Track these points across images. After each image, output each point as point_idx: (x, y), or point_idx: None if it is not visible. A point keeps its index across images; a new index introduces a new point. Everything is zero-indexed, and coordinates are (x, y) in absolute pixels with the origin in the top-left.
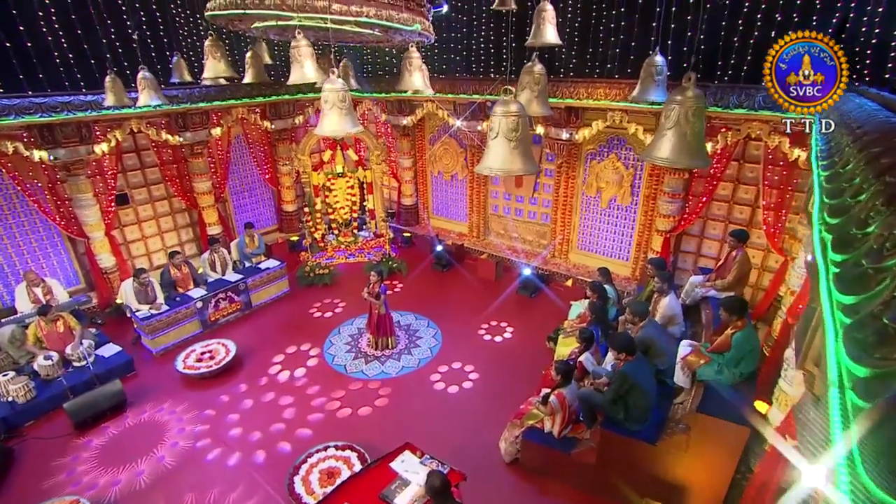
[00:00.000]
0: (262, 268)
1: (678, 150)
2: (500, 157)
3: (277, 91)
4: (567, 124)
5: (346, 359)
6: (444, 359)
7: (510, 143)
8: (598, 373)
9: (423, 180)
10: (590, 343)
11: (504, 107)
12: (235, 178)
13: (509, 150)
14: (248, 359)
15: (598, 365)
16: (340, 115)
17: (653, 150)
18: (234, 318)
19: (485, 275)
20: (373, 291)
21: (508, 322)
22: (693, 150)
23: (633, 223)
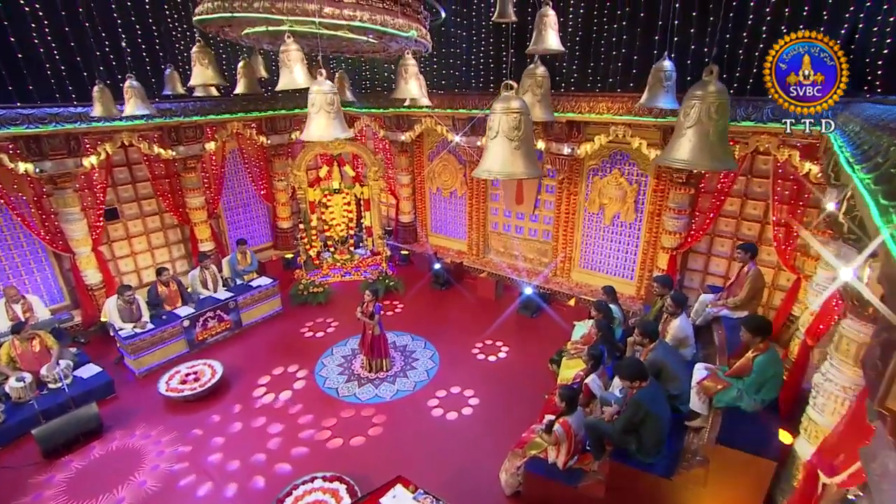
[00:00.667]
0: (254, 285)
1: (699, 150)
2: (500, 159)
3: (274, 106)
4: (568, 139)
5: (338, 381)
6: (441, 382)
7: (511, 144)
8: (606, 399)
9: (422, 197)
10: (598, 363)
11: (504, 103)
12: (230, 193)
13: (510, 151)
14: (236, 381)
15: (605, 388)
16: (328, 119)
17: (671, 152)
18: (223, 337)
19: (484, 294)
20: (367, 311)
21: (508, 343)
22: (716, 151)
23: (638, 240)
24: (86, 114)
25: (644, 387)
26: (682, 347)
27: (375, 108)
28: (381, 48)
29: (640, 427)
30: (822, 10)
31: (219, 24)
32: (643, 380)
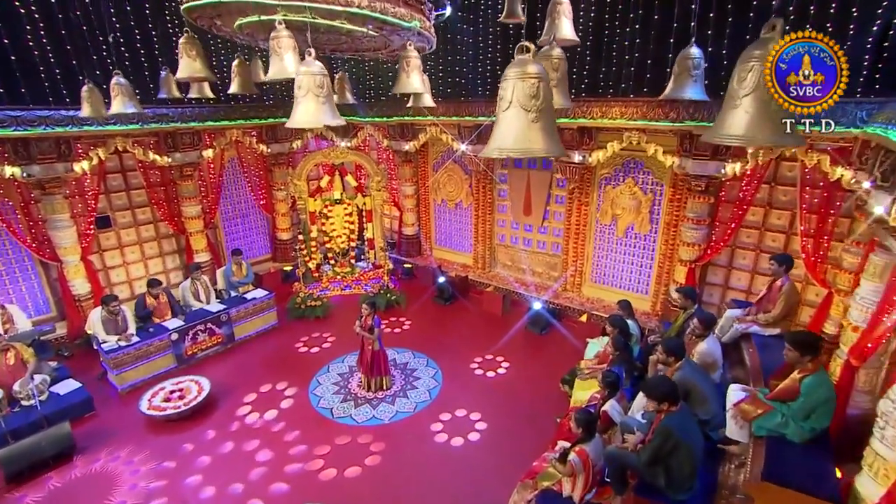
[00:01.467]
0: (249, 298)
1: (759, 123)
2: (513, 133)
3: (274, 113)
4: (580, 146)
5: (333, 401)
6: (445, 404)
7: (528, 115)
8: (628, 425)
9: (426, 208)
10: (614, 389)
11: (520, 67)
12: (228, 203)
13: (527, 124)
14: (224, 399)
15: (624, 413)
16: (317, 104)
17: (721, 127)
18: (214, 352)
19: (490, 309)
20: (365, 325)
21: (516, 362)
22: (780, 123)
23: (653, 253)
24: (77, 117)
25: (674, 412)
26: (711, 372)
27: (379, 118)
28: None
29: (668, 458)
30: (850, 8)
31: (208, 14)
32: (673, 402)
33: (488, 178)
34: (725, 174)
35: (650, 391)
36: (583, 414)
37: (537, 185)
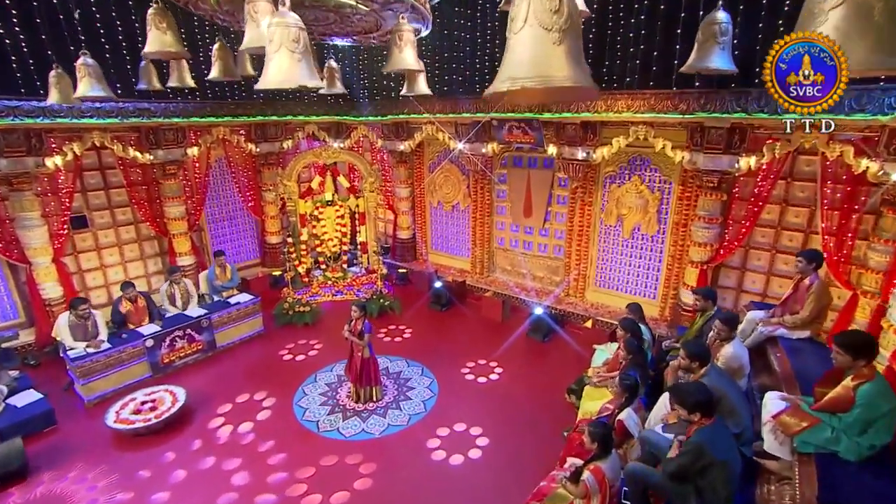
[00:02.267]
0: (232, 302)
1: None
2: (529, 58)
3: (264, 111)
4: (583, 142)
5: (319, 413)
6: (442, 417)
7: (549, 36)
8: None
9: (422, 211)
10: (633, 395)
11: None
12: (214, 204)
13: (547, 47)
14: (201, 411)
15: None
16: (292, 61)
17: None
18: (194, 360)
19: (490, 315)
20: (355, 330)
21: (518, 371)
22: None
23: (661, 255)
24: (50, 108)
25: (707, 425)
26: (736, 378)
27: (373, 116)
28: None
29: (699, 477)
30: None
31: None
32: (708, 414)
33: (487, 178)
34: (739, 169)
35: (682, 399)
36: (598, 427)
37: (538, 184)
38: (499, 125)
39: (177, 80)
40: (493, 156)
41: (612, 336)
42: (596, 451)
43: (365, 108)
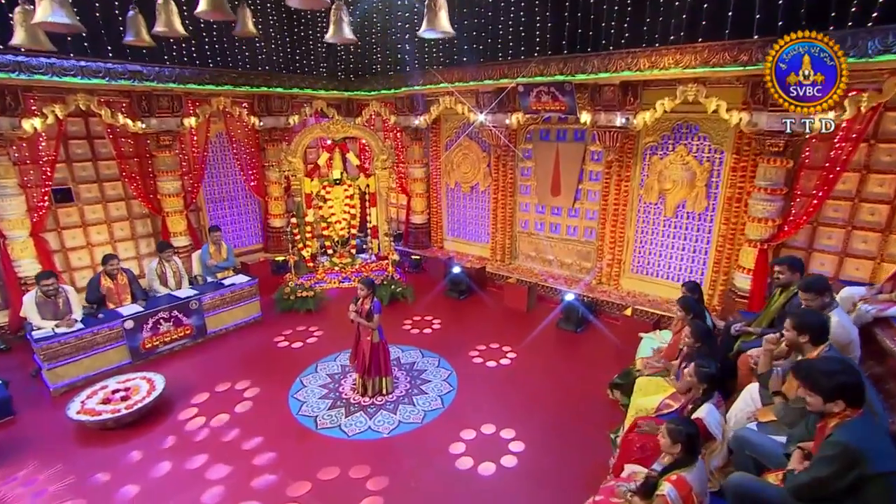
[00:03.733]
0: (227, 284)
1: None
2: None
3: (269, 82)
4: (622, 107)
5: (318, 408)
6: (464, 415)
7: None
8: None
9: (437, 194)
10: (712, 386)
11: None
12: (213, 183)
13: None
14: (180, 403)
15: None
16: None
17: None
18: (181, 346)
19: (513, 304)
20: (362, 310)
21: (549, 365)
22: None
23: (710, 235)
24: (27, 64)
25: (854, 418)
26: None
27: (386, 90)
28: None
29: (848, 496)
30: None
31: None
32: (856, 403)
33: (510, 154)
34: (813, 129)
35: (816, 381)
36: (682, 425)
37: (568, 159)
38: (525, 92)
39: (164, 24)
40: (517, 128)
41: (656, 325)
42: (678, 457)
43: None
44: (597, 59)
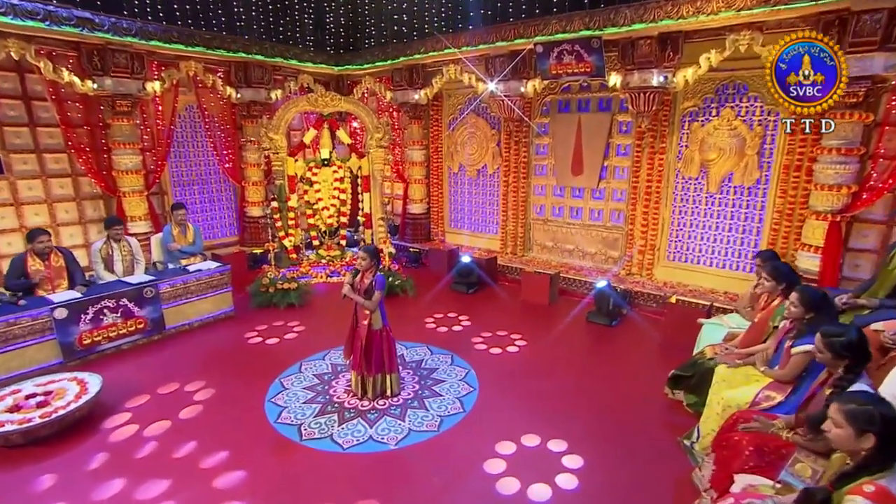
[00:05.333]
0: (192, 270)
1: None
2: None
3: (248, 48)
4: (660, 63)
5: (302, 414)
6: (493, 421)
7: None
8: None
9: (438, 180)
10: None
11: None
12: (182, 163)
13: None
14: (119, 409)
15: None
16: None
17: None
18: (131, 343)
19: (532, 297)
20: (361, 286)
21: (587, 362)
22: None
23: (762, 213)
24: None
25: None
26: None
27: (382, 61)
28: None
29: None
30: None
31: None
32: None
33: (524, 130)
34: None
35: None
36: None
37: (591, 132)
38: (544, 53)
39: None
40: (532, 99)
41: (709, 313)
42: (867, 455)
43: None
44: (629, 10)
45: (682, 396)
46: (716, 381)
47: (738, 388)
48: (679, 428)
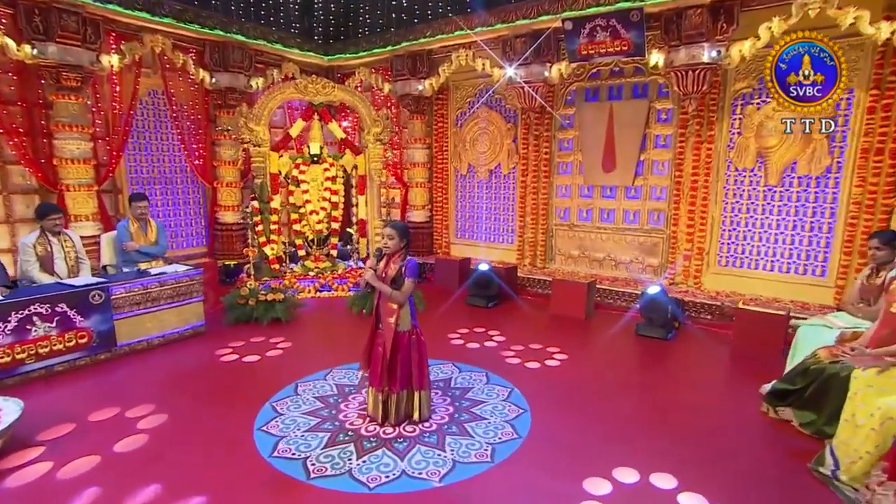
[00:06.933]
0: (154, 273)
1: None
2: None
3: (227, 26)
4: (711, 36)
5: (307, 445)
6: (562, 450)
7: None
8: None
9: (443, 182)
10: None
11: None
12: (142, 157)
13: None
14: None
15: None
16: None
17: None
18: (69, 363)
19: (565, 310)
20: (385, 272)
21: (651, 380)
22: None
23: (834, 207)
24: None
25: None
26: None
27: (380, 48)
28: None
29: None
30: None
31: None
32: None
33: (545, 123)
34: None
35: None
36: None
37: (625, 122)
38: (573, 30)
39: None
40: (557, 85)
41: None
42: None
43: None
44: None
45: (791, 415)
46: (855, 389)
47: (874, 399)
48: (800, 453)
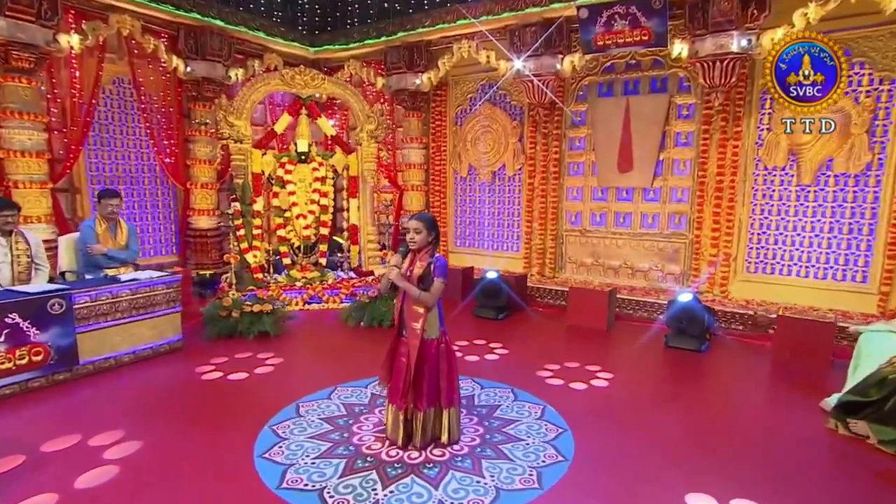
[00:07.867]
0: (124, 279)
1: None
2: None
3: (204, 10)
4: (741, 24)
5: (321, 474)
6: (616, 472)
7: None
8: None
9: (441, 186)
10: None
11: None
12: (105, 153)
13: None
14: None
15: None
16: None
17: None
18: (20, 386)
19: (584, 321)
20: (412, 270)
21: (692, 394)
22: None
23: (875, 207)
24: None
25: None
26: None
27: (373, 38)
28: None
29: None
30: None
31: None
32: None
33: (554, 121)
34: None
35: None
36: None
37: (643, 119)
38: (589, 18)
39: None
40: (568, 80)
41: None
42: None
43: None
44: None
45: (867, 429)
46: None
47: None
48: (886, 475)
